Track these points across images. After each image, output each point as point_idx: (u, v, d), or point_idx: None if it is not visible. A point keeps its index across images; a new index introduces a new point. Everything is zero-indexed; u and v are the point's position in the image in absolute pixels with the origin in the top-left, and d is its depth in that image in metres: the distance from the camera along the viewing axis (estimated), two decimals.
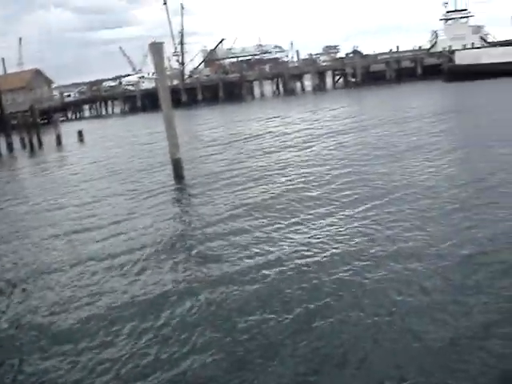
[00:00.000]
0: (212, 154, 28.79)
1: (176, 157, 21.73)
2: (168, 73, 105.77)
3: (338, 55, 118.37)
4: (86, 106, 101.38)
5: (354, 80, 79.95)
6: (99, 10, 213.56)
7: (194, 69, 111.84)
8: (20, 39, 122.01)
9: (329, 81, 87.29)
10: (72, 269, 12.72)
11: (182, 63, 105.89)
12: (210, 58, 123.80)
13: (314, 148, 26.68)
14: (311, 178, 19.26)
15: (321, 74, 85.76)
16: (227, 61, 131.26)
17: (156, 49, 20.75)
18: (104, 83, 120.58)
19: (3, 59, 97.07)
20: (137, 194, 20.37)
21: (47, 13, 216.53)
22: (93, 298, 10.77)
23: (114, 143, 42.25)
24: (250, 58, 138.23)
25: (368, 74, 79.58)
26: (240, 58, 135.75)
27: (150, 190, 20.83)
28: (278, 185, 18.98)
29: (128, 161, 30.56)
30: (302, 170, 20.99)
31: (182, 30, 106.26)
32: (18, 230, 17.25)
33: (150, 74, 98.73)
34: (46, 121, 71.43)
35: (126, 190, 21.75)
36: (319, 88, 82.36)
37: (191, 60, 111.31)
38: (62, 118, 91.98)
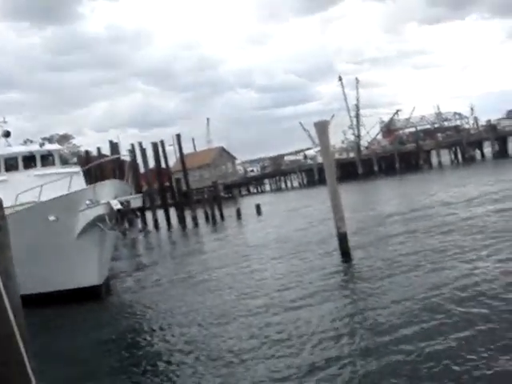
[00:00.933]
0: (384, 229, 28.26)
1: (342, 231, 22.10)
2: (344, 146, 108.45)
3: None
4: (267, 180, 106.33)
5: None
6: (281, 89, 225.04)
7: (372, 140, 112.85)
8: (208, 119, 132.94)
9: (511, 147, 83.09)
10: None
11: (358, 136, 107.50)
12: (388, 129, 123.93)
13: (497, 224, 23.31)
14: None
15: (502, 140, 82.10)
16: (406, 131, 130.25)
17: (321, 127, 21.76)
18: (285, 157, 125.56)
19: (193, 139, 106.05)
20: (300, 268, 20.97)
21: (234, 94, 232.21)
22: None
23: (287, 215, 43.87)
24: (429, 126, 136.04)
25: None
26: (419, 127, 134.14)
27: (314, 264, 21.34)
28: (461, 273, 16.14)
29: (297, 233, 31.58)
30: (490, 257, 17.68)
31: (358, 103, 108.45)
32: (198, 289, 18.91)
33: None
34: (229, 195, 76.23)
35: (290, 263, 22.58)
36: (500, 155, 78.71)
37: (367, 132, 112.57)
38: (244, 192, 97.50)
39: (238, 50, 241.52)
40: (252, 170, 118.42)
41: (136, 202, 21.16)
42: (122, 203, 19.15)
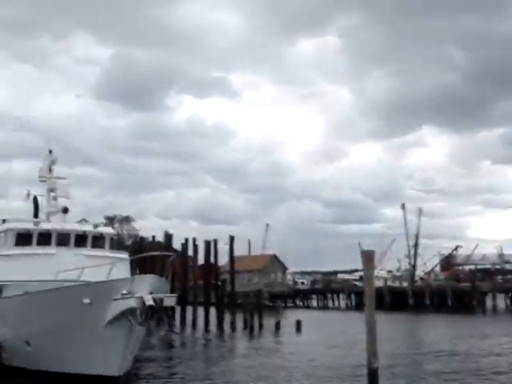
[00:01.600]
0: (420, 366, 27.42)
1: (373, 366, 21.16)
2: (398, 273, 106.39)
3: None
4: (315, 296, 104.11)
5: None
6: (346, 205, 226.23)
7: (429, 271, 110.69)
8: (267, 225, 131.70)
9: None
10: None
11: (414, 265, 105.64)
12: (448, 263, 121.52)
13: None
14: None
15: None
16: (466, 267, 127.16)
17: (367, 257, 21.46)
18: (339, 275, 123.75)
19: (249, 241, 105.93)
20: None
21: (299, 203, 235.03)
22: None
23: (326, 339, 42.26)
24: (489, 266, 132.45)
25: None
26: (479, 266, 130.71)
27: None
28: None
29: (332, 358, 30.64)
30: None
31: (418, 233, 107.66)
32: None
33: (381, 273, 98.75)
34: (273, 304, 75.17)
35: None
36: None
37: (424, 263, 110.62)
38: (290, 304, 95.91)
39: (309, 162, 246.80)
40: (302, 282, 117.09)
41: (170, 300, 21.18)
42: (155, 300, 19.18)
